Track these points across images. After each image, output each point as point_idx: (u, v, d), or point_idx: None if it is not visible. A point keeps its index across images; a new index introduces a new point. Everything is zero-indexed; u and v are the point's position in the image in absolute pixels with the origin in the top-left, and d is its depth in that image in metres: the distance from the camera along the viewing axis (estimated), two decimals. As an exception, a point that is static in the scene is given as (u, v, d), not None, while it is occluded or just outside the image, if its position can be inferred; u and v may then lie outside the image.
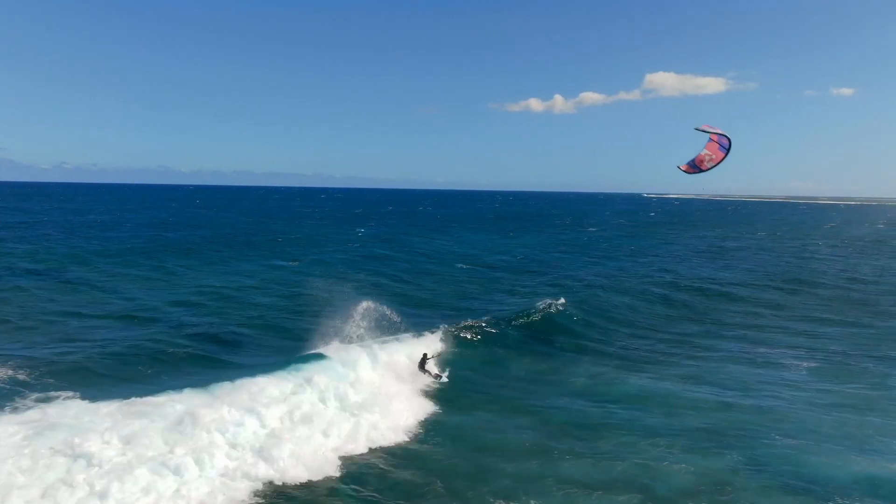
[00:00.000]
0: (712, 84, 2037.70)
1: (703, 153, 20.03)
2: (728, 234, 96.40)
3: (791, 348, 28.50)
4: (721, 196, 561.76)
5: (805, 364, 25.64)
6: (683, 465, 16.22)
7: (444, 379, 22.42)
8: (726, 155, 19.79)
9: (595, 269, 51.24)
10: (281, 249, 58.28)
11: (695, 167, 20.26)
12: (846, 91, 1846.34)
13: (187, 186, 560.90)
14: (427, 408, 19.80)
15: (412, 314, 30.41)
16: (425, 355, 22.97)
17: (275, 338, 27.16)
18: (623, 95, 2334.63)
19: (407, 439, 17.51)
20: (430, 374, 22.46)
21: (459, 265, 51.64)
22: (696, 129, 20.08)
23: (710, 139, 19.87)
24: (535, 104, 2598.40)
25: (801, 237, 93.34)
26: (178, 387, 17.77)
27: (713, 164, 19.90)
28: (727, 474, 15.83)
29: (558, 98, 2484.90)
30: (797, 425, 18.93)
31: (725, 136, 19.68)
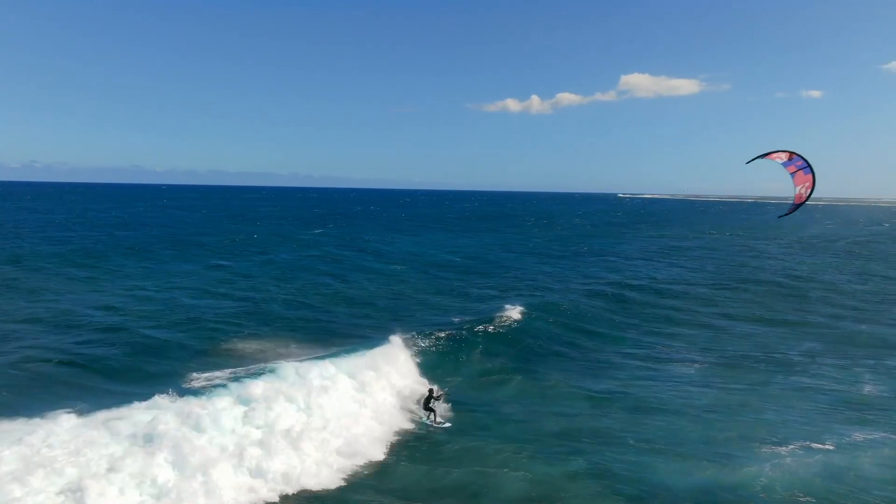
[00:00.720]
0: (686, 86, 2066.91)
1: (796, 191, 18.64)
2: (685, 234, 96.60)
3: (695, 346, 27.99)
4: (694, 196, 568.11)
5: (698, 364, 25.08)
6: (521, 473, 15.37)
7: (446, 425, 18.48)
8: (813, 174, 18.14)
9: (537, 269, 50.60)
10: (230, 250, 56.33)
11: (796, 206, 18.92)
12: (815, 93, 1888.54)
13: (160, 186, 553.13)
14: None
15: (346, 321, 29.23)
16: (431, 392, 19.30)
17: (175, 355, 23.33)
18: (599, 96, 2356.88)
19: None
20: (433, 413, 18.82)
21: (400, 266, 50.64)
22: (751, 161, 18.97)
23: (791, 173, 18.52)
24: (513, 104, 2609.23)
25: (757, 237, 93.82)
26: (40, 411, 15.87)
27: (810, 191, 18.30)
28: (563, 481, 15.02)
29: (535, 98, 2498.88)
30: (660, 429, 18.21)
31: (797, 155, 18.26)
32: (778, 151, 18.55)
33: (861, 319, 34.41)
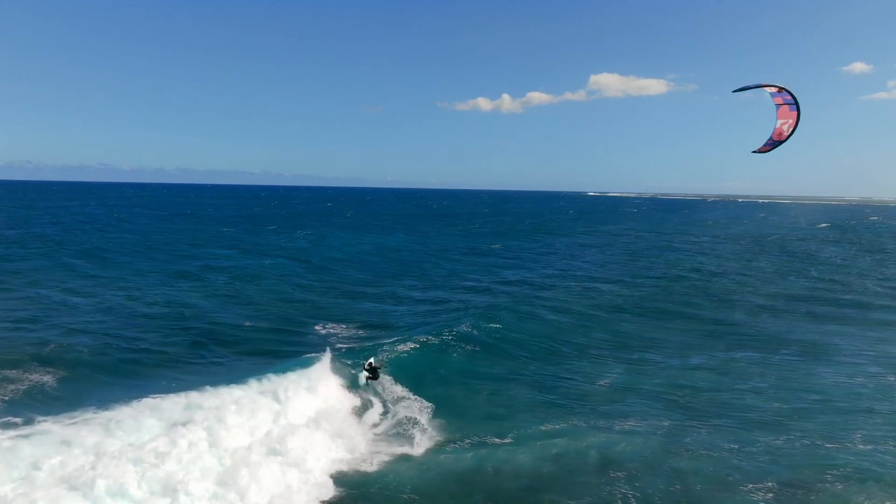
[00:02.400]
0: (654, 85, 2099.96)
1: (777, 124, 18.26)
2: (619, 232, 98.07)
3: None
4: (663, 195, 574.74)
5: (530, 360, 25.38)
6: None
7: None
8: (798, 111, 17.93)
9: (426, 268, 51.12)
10: (165, 253, 54.84)
11: (774, 143, 18.50)
12: None
13: (128, 184, 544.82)
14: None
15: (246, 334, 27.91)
16: (370, 364, 20.25)
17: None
18: (569, 96, 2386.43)
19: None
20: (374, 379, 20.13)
21: (298, 272, 50.68)
22: (738, 91, 18.71)
23: (777, 105, 18.16)
24: (484, 103, 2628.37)
25: (694, 233, 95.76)
26: None
27: (792, 129, 18.04)
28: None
29: (506, 97, 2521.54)
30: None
31: (785, 90, 17.85)
32: (769, 85, 18.26)
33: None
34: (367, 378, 20.00)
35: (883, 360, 25.85)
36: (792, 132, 17.96)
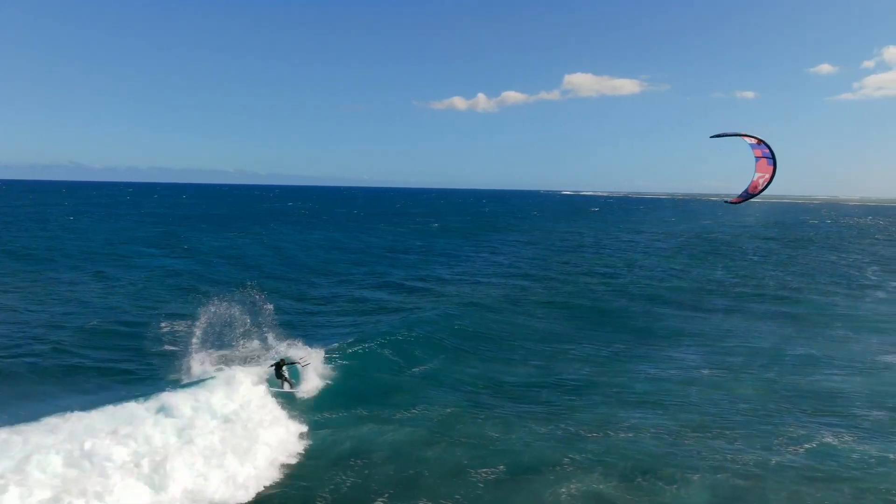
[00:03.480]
0: (627, 85, 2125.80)
1: (754, 177, 18.48)
2: (566, 229, 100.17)
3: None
4: (636, 194, 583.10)
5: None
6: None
7: (298, 394, 19.51)
8: (775, 166, 18.10)
9: (333, 267, 52.44)
10: (88, 252, 53.98)
11: (748, 195, 18.81)
12: (749, 94, 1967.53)
13: (100, 183, 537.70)
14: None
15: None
16: (283, 361, 20.17)
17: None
18: (544, 95, 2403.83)
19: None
20: (286, 383, 19.75)
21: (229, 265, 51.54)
22: (715, 137, 18.60)
23: (756, 157, 18.39)
24: (459, 102, 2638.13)
25: (640, 231, 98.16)
26: None
27: (767, 183, 18.31)
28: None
29: (481, 97, 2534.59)
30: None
31: (764, 143, 18.08)
32: (748, 135, 18.41)
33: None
34: (279, 376, 19.77)
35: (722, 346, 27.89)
36: (766, 185, 18.27)
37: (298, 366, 20.35)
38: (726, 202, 20.42)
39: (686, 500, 14.24)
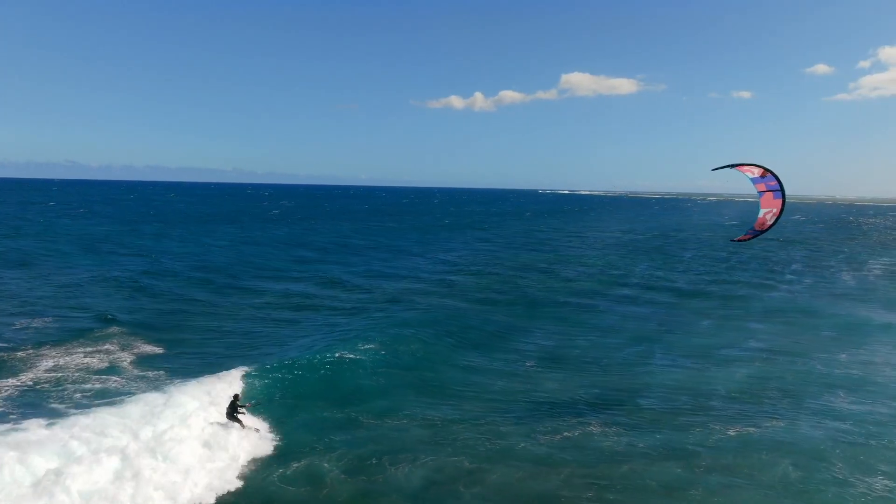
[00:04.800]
0: (624, 85, 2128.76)
1: (760, 214, 17.24)
2: (539, 226, 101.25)
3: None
4: (633, 193, 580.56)
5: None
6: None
7: (257, 430, 17.22)
8: (784, 199, 16.63)
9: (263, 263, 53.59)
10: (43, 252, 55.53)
11: (756, 232, 17.61)
12: (745, 94, 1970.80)
13: (96, 182, 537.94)
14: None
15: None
16: (236, 397, 17.69)
17: None
18: (541, 94, 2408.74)
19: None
20: (240, 423, 17.06)
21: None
22: (717, 169, 17.34)
23: (759, 192, 17.03)
24: (456, 101, 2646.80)
25: (607, 230, 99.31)
26: None
27: (777, 218, 16.86)
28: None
29: (479, 96, 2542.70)
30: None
31: (770, 173, 16.64)
32: (751, 165, 17.04)
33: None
34: (233, 416, 17.17)
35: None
36: (776, 221, 16.69)
37: (247, 408, 17.52)
38: (732, 241, 18.74)
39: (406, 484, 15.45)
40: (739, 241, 18.27)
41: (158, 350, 25.17)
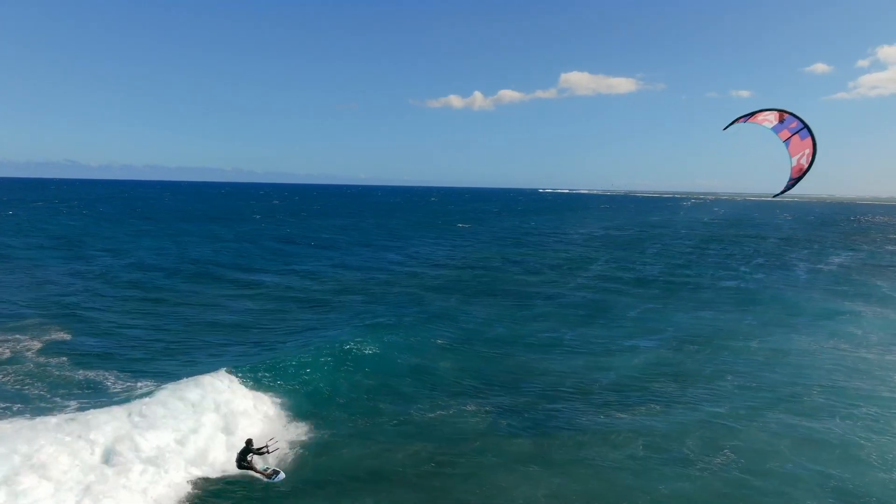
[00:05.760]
0: (623, 84, 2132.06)
1: (793, 162, 15.27)
2: (521, 224, 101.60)
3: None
4: (633, 192, 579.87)
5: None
6: None
7: (280, 477, 14.49)
8: (813, 137, 14.80)
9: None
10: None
11: (795, 180, 15.59)
12: (744, 94, 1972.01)
13: (95, 181, 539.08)
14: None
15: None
16: (249, 443, 14.99)
17: None
18: (540, 94, 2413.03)
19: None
20: (254, 471, 14.56)
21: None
22: (730, 125, 15.84)
23: (785, 140, 15.27)
24: (455, 101, 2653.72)
25: (586, 225, 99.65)
26: None
27: (811, 159, 14.93)
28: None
29: (478, 95, 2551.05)
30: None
31: (790, 114, 14.97)
32: (765, 111, 15.28)
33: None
34: (245, 464, 14.68)
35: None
36: (811, 163, 14.92)
37: (266, 451, 14.91)
38: (775, 196, 16.60)
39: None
40: (783, 192, 15.84)
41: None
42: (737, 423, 17.85)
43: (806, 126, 14.69)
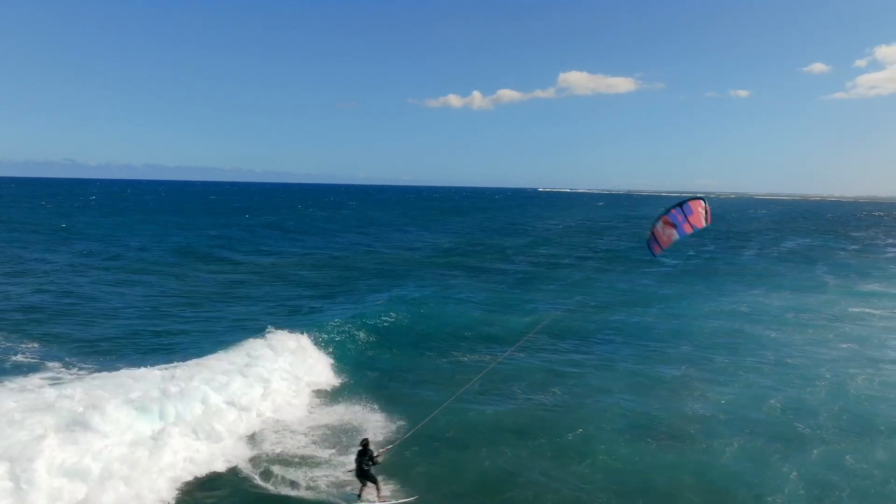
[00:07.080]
0: (622, 84, 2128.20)
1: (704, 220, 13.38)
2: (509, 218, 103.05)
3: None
4: (628, 191, 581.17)
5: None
6: None
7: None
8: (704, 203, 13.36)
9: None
10: None
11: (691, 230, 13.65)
12: (742, 93, 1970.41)
13: (95, 180, 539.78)
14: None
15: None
16: (365, 444, 12.03)
17: None
18: (539, 93, 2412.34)
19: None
20: (376, 487, 11.82)
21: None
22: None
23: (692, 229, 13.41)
24: (454, 100, 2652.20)
25: (570, 219, 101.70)
26: None
27: (706, 210, 13.25)
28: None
29: (477, 94, 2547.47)
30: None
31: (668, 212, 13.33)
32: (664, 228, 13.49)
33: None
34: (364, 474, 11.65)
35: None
36: (707, 212, 13.20)
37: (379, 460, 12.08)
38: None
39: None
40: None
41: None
42: (588, 372, 19.59)
43: (680, 203, 13.42)
